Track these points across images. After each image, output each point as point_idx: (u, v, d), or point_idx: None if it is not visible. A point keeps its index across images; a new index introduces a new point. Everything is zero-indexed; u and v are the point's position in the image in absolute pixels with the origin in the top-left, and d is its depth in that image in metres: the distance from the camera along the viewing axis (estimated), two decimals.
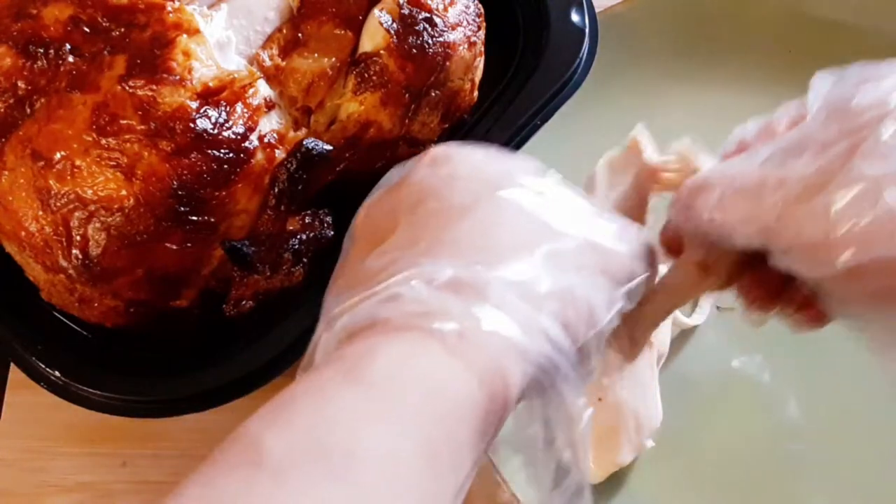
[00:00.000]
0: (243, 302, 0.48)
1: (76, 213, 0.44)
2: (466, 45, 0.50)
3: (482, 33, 0.52)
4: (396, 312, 0.31)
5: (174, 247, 0.45)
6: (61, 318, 0.50)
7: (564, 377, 0.32)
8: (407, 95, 0.49)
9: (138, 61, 0.45)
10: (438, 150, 0.38)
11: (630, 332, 0.42)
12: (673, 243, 0.41)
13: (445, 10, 0.49)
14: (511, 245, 0.33)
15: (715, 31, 0.63)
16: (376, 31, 0.48)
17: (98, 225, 0.44)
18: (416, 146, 0.52)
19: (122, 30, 0.46)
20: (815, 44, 0.62)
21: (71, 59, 0.46)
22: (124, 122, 0.44)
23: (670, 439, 0.52)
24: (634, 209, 0.45)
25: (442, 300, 0.31)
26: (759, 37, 0.63)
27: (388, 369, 0.29)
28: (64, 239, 0.44)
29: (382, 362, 0.30)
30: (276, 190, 0.47)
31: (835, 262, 0.32)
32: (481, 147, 0.39)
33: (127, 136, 0.44)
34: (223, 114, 0.45)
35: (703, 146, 0.59)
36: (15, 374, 0.54)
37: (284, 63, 0.48)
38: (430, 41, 0.48)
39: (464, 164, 0.37)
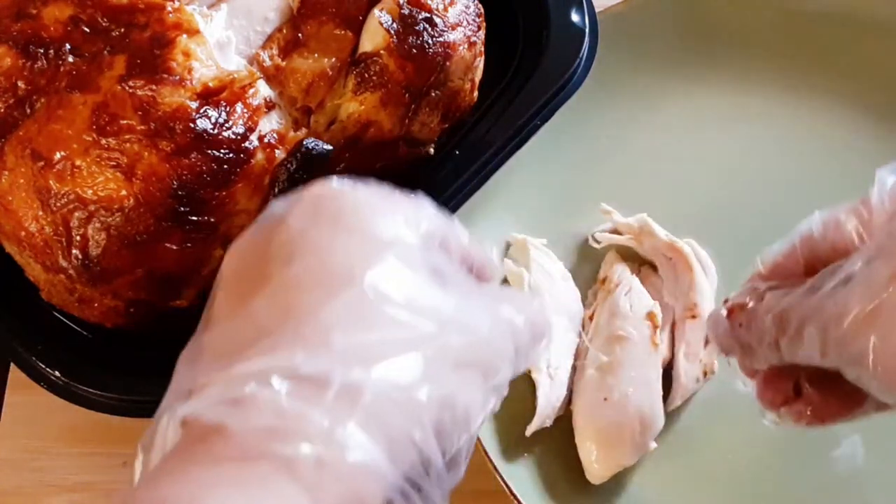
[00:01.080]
0: None
1: (76, 214, 0.44)
2: (466, 45, 0.50)
3: (482, 33, 0.52)
4: (244, 425, 0.26)
5: (174, 247, 0.45)
6: (61, 318, 0.50)
7: (426, 496, 0.29)
8: (407, 95, 0.49)
9: (138, 61, 0.45)
10: (324, 192, 0.33)
11: None
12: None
13: (445, 10, 0.49)
14: (393, 336, 0.29)
15: (715, 31, 0.63)
16: (376, 31, 0.48)
17: (98, 225, 0.44)
18: (415, 146, 0.52)
19: (122, 30, 0.46)
20: (816, 43, 0.62)
21: (71, 59, 0.46)
22: (124, 122, 0.44)
23: (672, 440, 0.52)
24: None
25: (302, 412, 0.26)
26: (760, 36, 0.63)
27: None
28: (64, 239, 0.44)
29: None
30: (276, 190, 0.47)
31: None
32: (370, 190, 0.34)
33: (127, 137, 0.44)
34: (223, 114, 0.45)
35: (702, 145, 0.59)
36: (15, 374, 0.54)
37: (284, 63, 0.48)
38: (430, 41, 0.48)
39: (348, 216, 0.32)
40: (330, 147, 0.48)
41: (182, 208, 0.44)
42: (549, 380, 0.51)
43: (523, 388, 0.51)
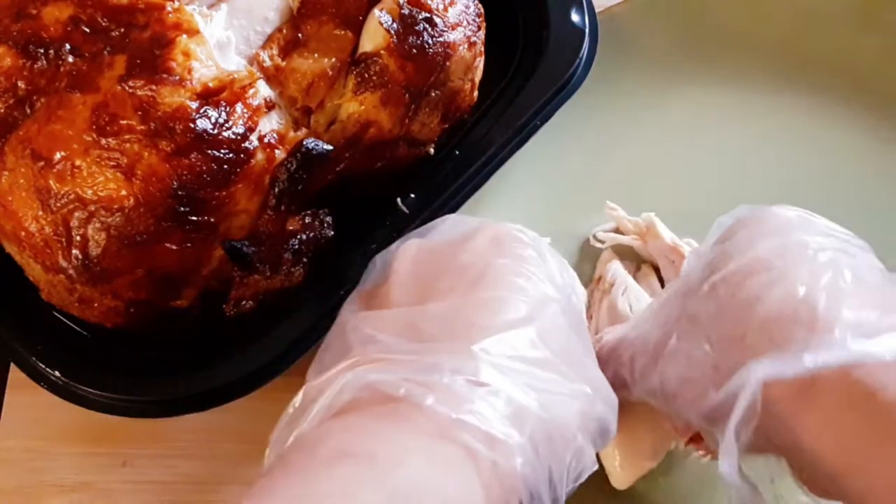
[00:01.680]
0: (243, 302, 0.48)
1: (76, 214, 0.44)
2: (466, 45, 0.50)
3: (482, 33, 0.52)
4: (436, 406, 0.31)
5: (174, 247, 0.45)
6: (61, 318, 0.50)
7: None
8: (407, 95, 0.49)
9: (138, 61, 0.45)
10: (501, 232, 0.39)
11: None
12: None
13: (445, 10, 0.49)
14: (557, 380, 0.34)
15: (715, 31, 0.63)
16: (376, 31, 0.48)
17: (98, 225, 0.44)
18: (416, 146, 0.52)
19: (122, 30, 0.46)
20: (816, 42, 0.62)
21: (71, 59, 0.46)
22: (124, 122, 0.44)
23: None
24: None
25: (486, 414, 0.31)
26: (760, 36, 0.63)
27: (417, 481, 0.29)
28: (64, 239, 0.44)
29: (413, 472, 0.29)
30: (277, 190, 0.47)
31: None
32: (529, 236, 0.40)
33: (127, 137, 0.44)
34: (223, 114, 0.45)
35: (701, 146, 0.59)
36: (15, 374, 0.54)
37: (284, 63, 0.48)
38: (430, 41, 0.48)
39: (521, 260, 0.38)
40: (330, 147, 0.48)
41: (182, 208, 0.44)
42: None
43: None
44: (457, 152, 0.54)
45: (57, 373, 0.48)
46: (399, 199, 0.51)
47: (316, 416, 0.32)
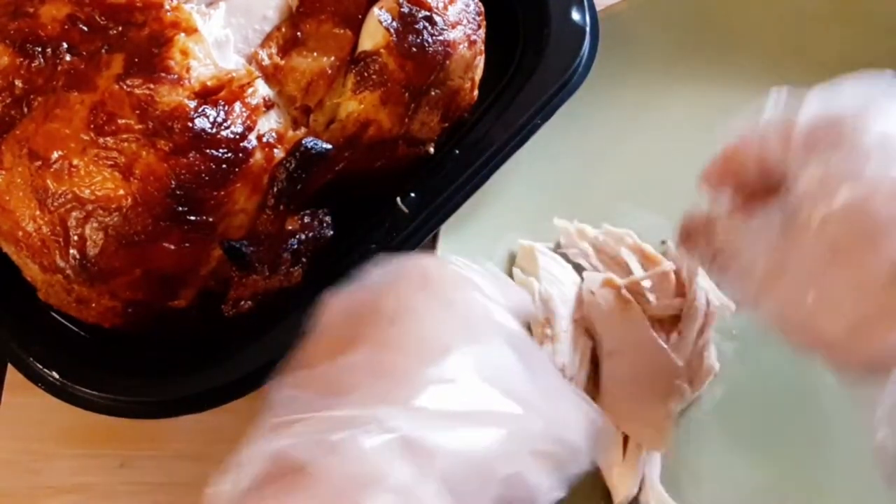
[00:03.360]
0: (242, 302, 0.48)
1: (74, 213, 0.44)
2: (466, 44, 0.50)
3: (482, 32, 0.52)
4: (335, 470, 0.29)
5: (172, 247, 0.44)
6: (59, 318, 0.50)
7: None
8: (407, 94, 0.49)
9: (136, 60, 0.45)
10: (430, 267, 0.37)
11: None
12: None
13: (445, 8, 0.49)
14: (478, 410, 0.32)
15: (715, 30, 0.63)
16: (376, 30, 0.48)
17: (96, 225, 0.44)
18: (415, 145, 0.52)
19: (120, 28, 0.46)
20: (816, 43, 0.62)
21: (68, 57, 0.45)
22: (122, 121, 0.44)
23: (678, 436, 0.52)
24: None
25: (385, 465, 0.29)
26: (760, 35, 0.63)
27: None
28: (61, 239, 0.44)
29: None
30: (275, 189, 0.47)
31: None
32: (472, 271, 0.37)
33: (124, 136, 0.43)
34: (221, 113, 0.45)
35: (702, 144, 0.59)
36: (12, 375, 0.54)
37: (283, 62, 0.48)
38: (429, 40, 0.48)
39: (448, 290, 0.35)
40: (329, 146, 0.48)
41: (180, 208, 0.44)
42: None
43: None
44: (457, 152, 0.53)
45: (54, 374, 0.48)
46: (399, 199, 0.51)
47: (234, 489, 0.31)
